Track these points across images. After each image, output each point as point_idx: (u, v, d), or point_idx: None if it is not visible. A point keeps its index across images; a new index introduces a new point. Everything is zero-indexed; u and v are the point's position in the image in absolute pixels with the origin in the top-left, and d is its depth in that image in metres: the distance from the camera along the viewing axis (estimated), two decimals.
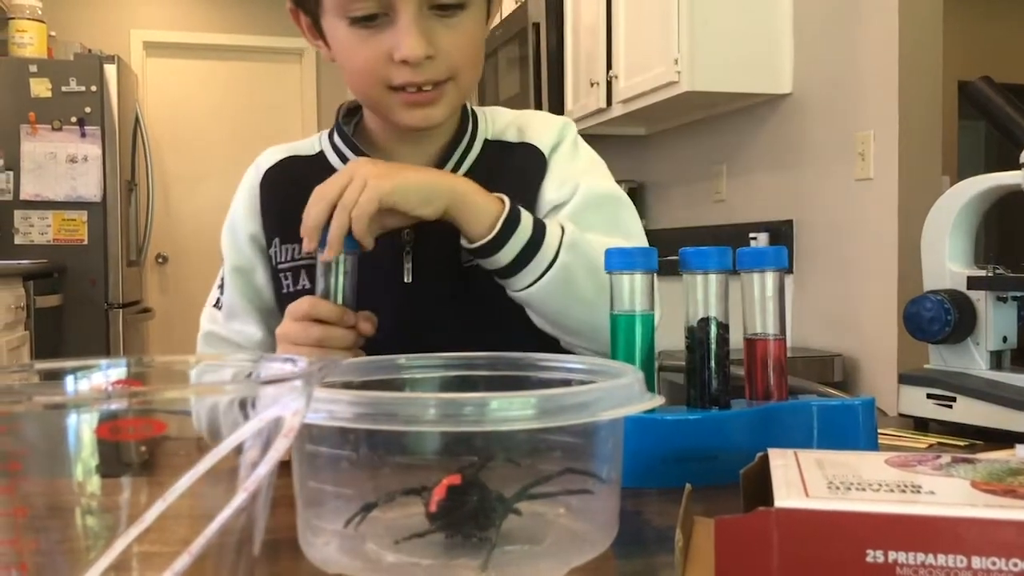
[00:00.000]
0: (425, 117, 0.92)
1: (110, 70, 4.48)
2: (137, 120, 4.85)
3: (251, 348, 1.00)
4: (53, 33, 4.71)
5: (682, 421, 0.70)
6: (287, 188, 0.99)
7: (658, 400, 0.55)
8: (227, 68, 5.70)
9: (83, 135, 4.43)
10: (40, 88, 4.38)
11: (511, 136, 1.03)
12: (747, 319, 0.76)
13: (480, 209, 0.84)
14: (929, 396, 0.93)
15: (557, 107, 3.82)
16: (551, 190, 0.99)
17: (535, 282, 0.85)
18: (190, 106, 5.63)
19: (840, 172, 2.82)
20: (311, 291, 0.93)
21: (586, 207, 0.97)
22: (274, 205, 1.00)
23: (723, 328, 0.73)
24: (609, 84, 3.48)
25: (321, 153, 1.02)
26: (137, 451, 0.38)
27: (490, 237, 0.84)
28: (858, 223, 2.75)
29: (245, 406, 0.41)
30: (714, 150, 3.51)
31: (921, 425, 0.95)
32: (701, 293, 0.73)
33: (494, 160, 1.00)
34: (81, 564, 0.38)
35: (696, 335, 0.73)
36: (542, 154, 1.01)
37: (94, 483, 0.38)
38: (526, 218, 0.86)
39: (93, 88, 4.43)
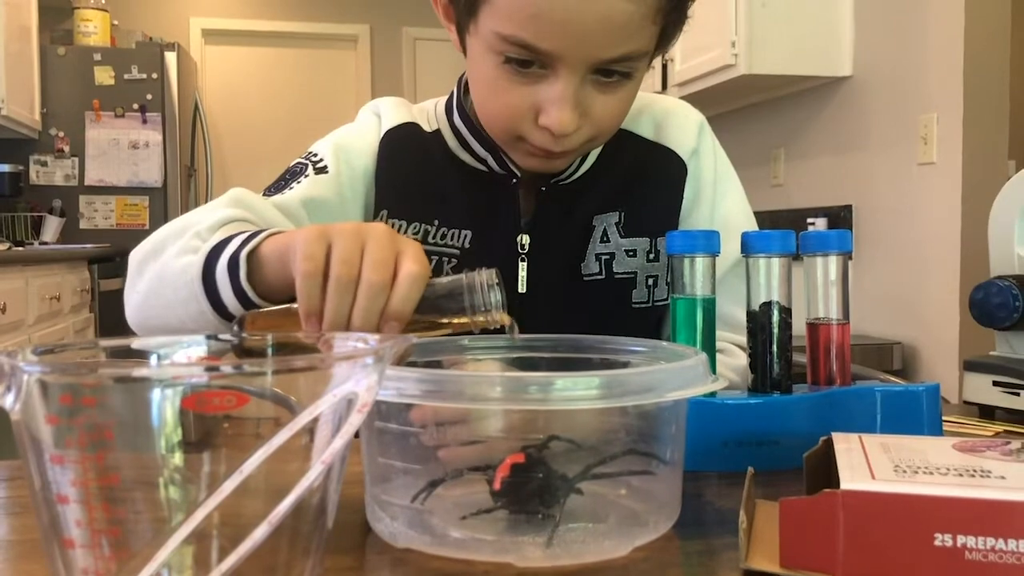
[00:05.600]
0: (545, 167, 0.86)
1: (170, 58, 4.58)
2: (196, 107, 4.94)
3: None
4: (116, 22, 4.82)
5: (743, 405, 0.70)
6: (405, 159, 0.92)
7: (722, 382, 0.55)
8: (283, 55, 5.77)
9: (144, 122, 4.53)
10: (104, 76, 4.49)
11: (646, 131, 0.95)
12: (810, 304, 0.75)
13: None
14: (996, 383, 0.92)
15: None
16: (703, 219, 0.95)
17: None
18: (247, 93, 5.72)
19: (902, 156, 2.77)
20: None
21: (733, 269, 0.91)
22: (390, 173, 0.91)
23: (786, 312, 0.73)
24: (665, 67, 3.45)
25: (439, 132, 0.93)
26: (220, 423, 0.39)
27: None
28: (920, 208, 2.70)
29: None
30: (771, 134, 3.46)
31: (987, 413, 0.93)
32: (763, 277, 0.72)
33: (626, 155, 0.93)
34: (163, 533, 0.39)
35: (758, 319, 0.73)
36: (682, 160, 0.95)
37: (177, 456, 0.40)
38: None
39: (154, 75, 4.53)
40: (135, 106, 4.52)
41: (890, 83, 2.82)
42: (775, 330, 0.73)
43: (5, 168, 4.13)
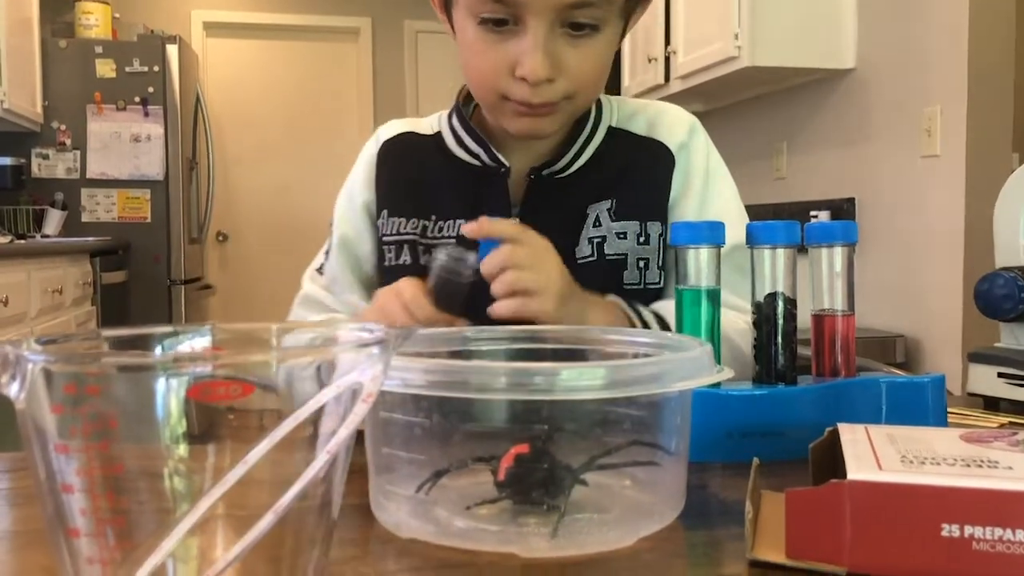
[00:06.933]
0: (533, 128, 0.90)
1: (172, 50, 4.57)
2: (198, 99, 4.93)
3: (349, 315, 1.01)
4: (117, 15, 4.81)
5: (748, 396, 0.70)
6: (402, 162, 1.00)
7: (727, 373, 0.55)
8: (285, 47, 5.76)
9: (146, 115, 4.53)
10: (105, 69, 4.48)
11: (639, 128, 1.00)
12: (815, 295, 0.75)
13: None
14: (1000, 375, 0.91)
15: (614, 83, 3.79)
16: (690, 209, 0.97)
17: None
18: (249, 86, 5.71)
19: (905, 149, 2.76)
20: (411, 266, 0.95)
21: (727, 258, 0.89)
22: (387, 177, 1.00)
23: (790, 304, 0.73)
24: (667, 60, 3.44)
25: (439, 134, 1.01)
26: (225, 415, 0.39)
27: None
28: (923, 201, 2.70)
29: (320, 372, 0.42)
30: (774, 127, 3.45)
31: (991, 404, 0.93)
32: (768, 268, 0.72)
33: (620, 151, 0.98)
34: (167, 523, 0.39)
35: (763, 311, 0.73)
36: (670, 152, 0.99)
37: (181, 446, 0.40)
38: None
39: (155, 68, 4.52)
40: (136, 99, 4.51)
41: (893, 75, 2.81)
42: (780, 321, 0.73)
43: (7, 161, 4.13)
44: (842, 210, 3.00)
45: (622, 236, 0.95)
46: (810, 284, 0.75)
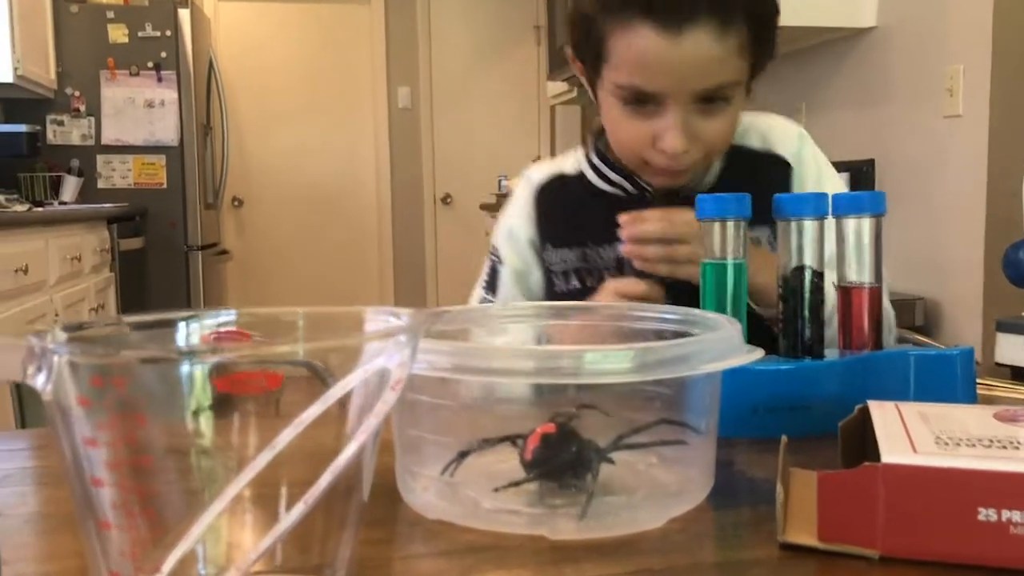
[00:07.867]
0: (671, 183, 1.02)
1: (184, 15, 4.53)
2: (211, 64, 4.90)
3: None
4: None
5: (775, 371, 0.69)
6: (557, 202, 1.13)
7: (757, 352, 0.54)
8: (296, 11, 5.71)
9: (160, 80, 4.50)
10: (117, 34, 4.46)
11: (754, 142, 1.09)
12: (842, 267, 0.74)
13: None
14: None
15: None
16: None
17: None
18: (261, 50, 5.67)
19: (926, 109, 2.71)
20: (580, 290, 1.07)
21: None
22: (547, 216, 1.13)
23: (817, 276, 0.72)
24: None
25: (581, 173, 1.12)
26: (252, 400, 0.39)
27: None
28: (945, 162, 2.66)
29: None
30: (793, 87, 3.40)
31: (1019, 374, 0.92)
32: (795, 241, 0.71)
33: (740, 169, 1.07)
34: (196, 508, 0.39)
35: (790, 284, 0.72)
36: (787, 163, 1.08)
37: (208, 435, 0.39)
38: None
39: (168, 33, 4.49)
40: (149, 64, 4.48)
41: (915, 34, 2.76)
42: (807, 294, 0.72)
43: (22, 128, 4.12)
44: (862, 172, 2.96)
45: (756, 242, 1.02)
46: (837, 255, 0.74)
